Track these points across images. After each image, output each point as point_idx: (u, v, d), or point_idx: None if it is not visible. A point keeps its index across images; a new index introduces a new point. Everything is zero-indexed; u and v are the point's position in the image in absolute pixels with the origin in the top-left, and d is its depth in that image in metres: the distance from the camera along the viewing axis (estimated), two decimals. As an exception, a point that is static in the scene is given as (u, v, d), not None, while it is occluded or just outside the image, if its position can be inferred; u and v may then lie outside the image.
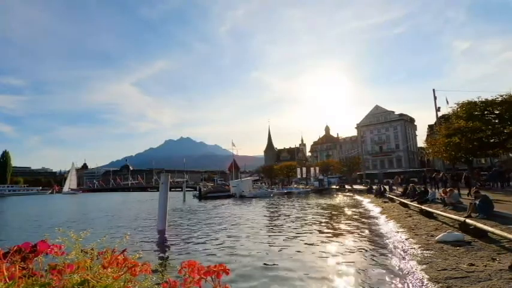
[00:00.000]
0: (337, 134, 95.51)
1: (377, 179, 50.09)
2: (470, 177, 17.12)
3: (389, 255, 7.82)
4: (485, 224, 7.75)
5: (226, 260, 8.19)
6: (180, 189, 48.63)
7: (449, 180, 20.20)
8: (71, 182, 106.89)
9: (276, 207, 24.09)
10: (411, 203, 15.12)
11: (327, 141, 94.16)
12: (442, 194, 13.07)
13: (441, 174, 21.11)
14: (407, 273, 6.13)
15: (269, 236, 11.87)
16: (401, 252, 7.71)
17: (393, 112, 74.38)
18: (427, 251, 7.30)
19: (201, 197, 40.60)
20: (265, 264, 7.74)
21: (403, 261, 6.93)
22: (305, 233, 11.98)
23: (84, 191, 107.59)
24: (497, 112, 20.96)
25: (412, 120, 77.90)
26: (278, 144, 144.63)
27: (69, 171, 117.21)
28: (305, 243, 9.98)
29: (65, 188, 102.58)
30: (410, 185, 20.32)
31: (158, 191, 17.03)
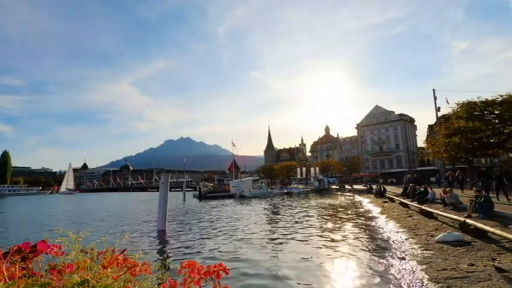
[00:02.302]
0: (337, 134, 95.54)
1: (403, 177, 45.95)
2: (504, 176, 14.03)
3: (389, 255, 7.82)
4: (485, 224, 7.75)
5: (226, 259, 8.19)
6: (180, 189, 48.65)
7: (466, 180, 19.04)
8: (68, 182, 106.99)
9: (276, 207, 24.09)
10: (411, 203, 15.12)
11: (327, 141, 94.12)
12: (442, 194, 13.06)
13: (457, 173, 19.23)
14: (408, 273, 6.13)
15: (269, 235, 11.86)
16: (401, 252, 7.71)
17: (393, 112, 74.40)
18: (427, 251, 7.30)
19: (201, 197, 40.63)
20: (265, 263, 7.74)
21: (403, 261, 6.93)
22: (304, 233, 11.97)
23: (82, 191, 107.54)
24: (497, 112, 20.93)
25: (412, 120, 77.91)
26: (278, 144, 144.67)
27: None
28: (304, 243, 9.98)
29: (62, 188, 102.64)
30: (411, 184, 20.30)
31: (158, 191, 17.03)
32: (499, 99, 20.59)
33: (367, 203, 23.09)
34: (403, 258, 7.14)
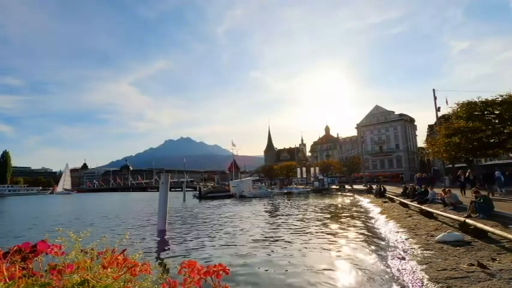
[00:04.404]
0: (337, 134, 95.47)
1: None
2: None
3: (389, 255, 7.82)
4: (485, 224, 7.75)
5: (226, 260, 8.19)
6: (180, 189, 48.65)
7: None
8: (65, 183, 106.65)
9: (276, 207, 24.09)
10: (411, 203, 15.12)
11: (327, 141, 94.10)
12: (442, 194, 13.07)
13: (467, 173, 17.65)
14: (408, 273, 6.13)
15: (269, 235, 11.86)
16: (401, 252, 7.71)
17: (393, 112, 74.40)
18: (427, 251, 7.30)
19: (201, 197, 40.64)
20: (265, 262, 7.74)
21: (403, 261, 6.93)
22: (304, 233, 11.97)
23: (79, 191, 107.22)
24: (497, 112, 20.93)
25: (412, 120, 77.90)
26: (278, 144, 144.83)
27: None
28: (304, 243, 9.97)
29: (59, 188, 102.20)
30: (411, 185, 20.29)
31: (158, 191, 17.03)
32: (499, 99, 20.59)
33: (367, 203, 23.08)
34: (403, 258, 7.14)
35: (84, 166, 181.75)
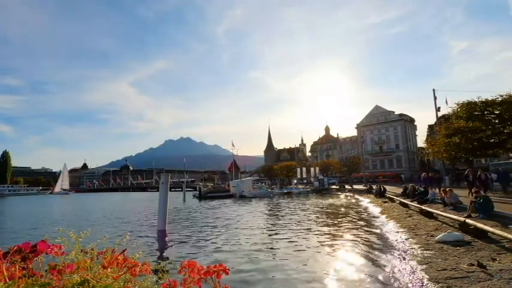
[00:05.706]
0: (337, 134, 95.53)
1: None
2: None
3: (389, 255, 7.82)
4: (485, 224, 7.74)
5: (226, 260, 8.19)
6: (180, 189, 48.63)
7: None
8: (63, 183, 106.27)
9: (276, 207, 24.09)
10: (411, 203, 15.11)
11: (327, 141, 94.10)
12: (442, 194, 13.06)
13: (479, 173, 16.50)
14: (408, 273, 6.13)
15: (269, 235, 11.86)
16: (401, 252, 7.71)
17: (393, 112, 74.40)
18: (427, 251, 7.29)
19: (201, 197, 40.64)
20: (264, 262, 7.74)
21: (403, 261, 6.93)
22: (304, 233, 11.97)
23: (78, 191, 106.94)
24: (497, 112, 20.92)
25: (412, 120, 77.91)
26: (278, 144, 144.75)
27: (68, 171, 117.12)
28: (304, 244, 9.97)
29: (57, 189, 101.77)
30: (411, 185, 20.29)
31: (158, 191, 17.04)
32: (499, 99, 20.57)
33: (367, 203, 23.08)
34: (403, 258, 7.14)
35: (84, 166, 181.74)
